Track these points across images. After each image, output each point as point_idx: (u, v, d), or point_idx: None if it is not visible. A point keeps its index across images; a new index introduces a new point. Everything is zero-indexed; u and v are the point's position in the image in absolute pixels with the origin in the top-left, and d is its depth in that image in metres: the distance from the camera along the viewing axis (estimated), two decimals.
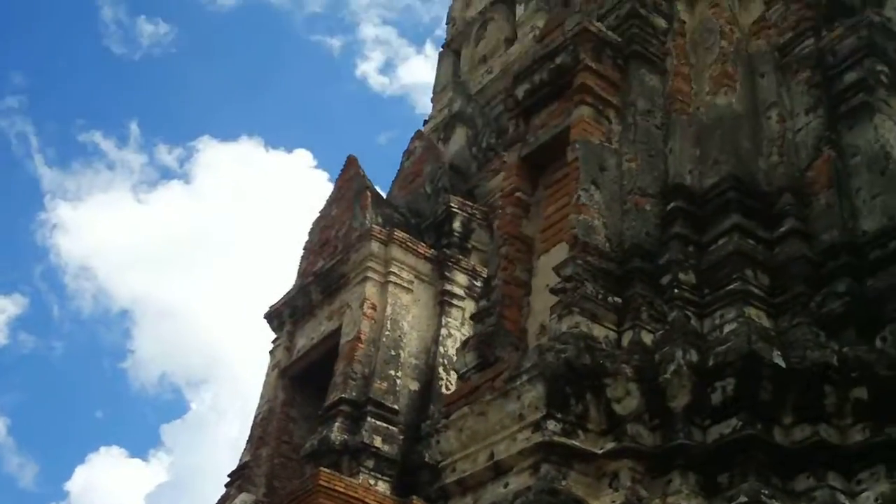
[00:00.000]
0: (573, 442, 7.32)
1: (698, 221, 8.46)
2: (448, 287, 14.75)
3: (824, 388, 7.26)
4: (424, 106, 48.07)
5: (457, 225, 15.35)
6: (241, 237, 47.64)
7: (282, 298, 15.36)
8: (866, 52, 8.71)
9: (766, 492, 6.96)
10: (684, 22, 9.61)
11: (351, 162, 16.47)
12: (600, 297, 7.92)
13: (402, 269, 14.73)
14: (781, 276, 8.05)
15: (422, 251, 15.00)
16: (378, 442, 13.16)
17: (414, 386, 14.06)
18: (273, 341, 15.25)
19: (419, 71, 51.58)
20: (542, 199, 9.14)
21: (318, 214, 16.20)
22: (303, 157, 51.48)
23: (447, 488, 7.84)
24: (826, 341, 7.49)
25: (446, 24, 18.90)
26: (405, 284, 14.63)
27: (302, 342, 14.95)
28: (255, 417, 14.72)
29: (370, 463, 13.02)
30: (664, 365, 7.43)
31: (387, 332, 14.08)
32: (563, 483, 7.18)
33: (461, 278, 14.88)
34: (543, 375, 7.35)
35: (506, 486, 7.45)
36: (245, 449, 14.51)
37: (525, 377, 7.45)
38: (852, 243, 8.07)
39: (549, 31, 9.66)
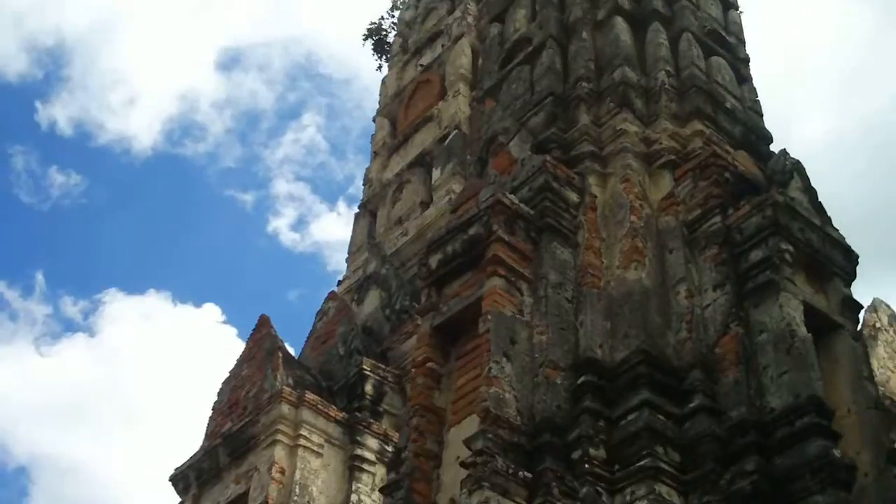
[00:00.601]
0: None
1: (609, 395, 8.48)
2: (359, 452, 14.61)
3: None
4: (336, 263, 47.93)
5: (369, 388, 15.26)
6: (146, 393, 46.76)
7: (188, 461, 15.01)
8: (771, 230, 8.91)
9: None
10: (596, 196, 9.79)
11: (263, 322, 16.36)
12: (511, 471, 7.84)
13: (313, 432, 14.56)
14: (691, 453, 8.07)
15: (333, 414, 14.85)
16: None
17: None
18: None
19: (331, 228, 51.71)
20: (454, 369, 9.11)
21: (228, 374, 15.99)
22: (211, 311, 51.08)
23: None
24: None
25: (363, 184, 19.01)
26: (316, 448, 14.46)
27: None
28: None
29: None
30: None
31: (295, 498, 13.85)
32: None
33: (372, 443, 14.74)
34: None
35: None
36: None
37: None
38: (761, 421, 8.13)
39: (463, 202, 9.77)
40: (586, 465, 7.98)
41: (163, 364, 45.41)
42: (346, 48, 49.49)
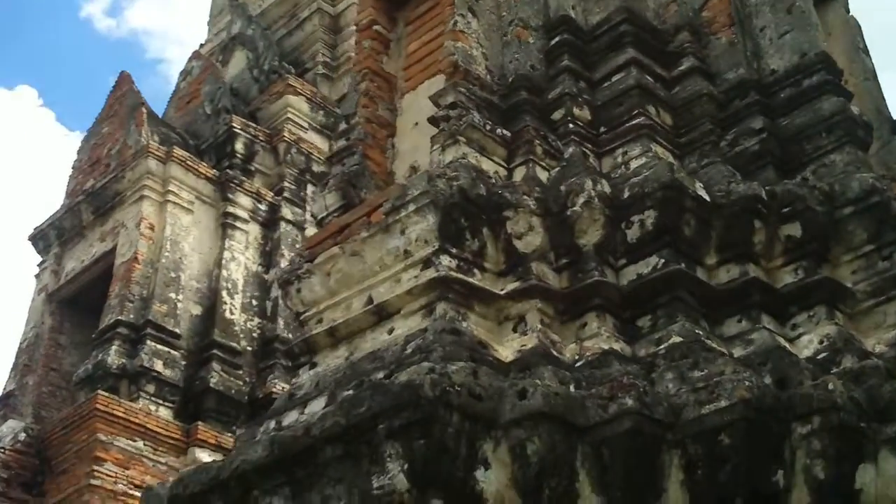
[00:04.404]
0: (472, 280, 6.19)
1: (588, 58, 7.50)
2: (231, 209, 13.68)
3: (754, 223, 6.39)
4: (155, 50, 46.00)
5: (239, 146, 14.26)
6: None
7: (48, 219, 13.89)
8: None
9: (701, 332, 6.04)
10: None
11: (124, 78, 15.07)
12: (488, 127, 6.82)
13: (182, 188, 13.53)
14: (684, 116, 7.19)
15: (203, 171, 13.83)
16: (159, 366, 12.00)
17: (196, 310, 12.94)
18: (39, 264, 13.78)
19: (148, 14, 49.26)
20: (402, 36, 7.95)
21: (87, 132, 14.73)
22: (27, 93, 48.58)
23: (313, 341, 6.53)
24: (743, 180, 6.64)
25: None
26: (185, 205, 13.46)
27: (71, 265, 13.53)
28: (21, 344, 13.22)
29: (151, 388, 11.87)
30: (572, 197, 6.38)
31: (166, 254, 12.84)
32: (465, 325, 6.03)
33: (245, 201, 13.83)
34: (435, 204, 6.15)
35: (391, 331, 6.19)
36: (9, 377, 12.94)
37: (412, 207, 6.24)
38: (760, 82, 7.29)
39: None
40: (570, 125, 7.00)
41: None
42: None
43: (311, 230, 13.24)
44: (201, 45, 16.60)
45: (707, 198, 6.40)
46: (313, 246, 6.69)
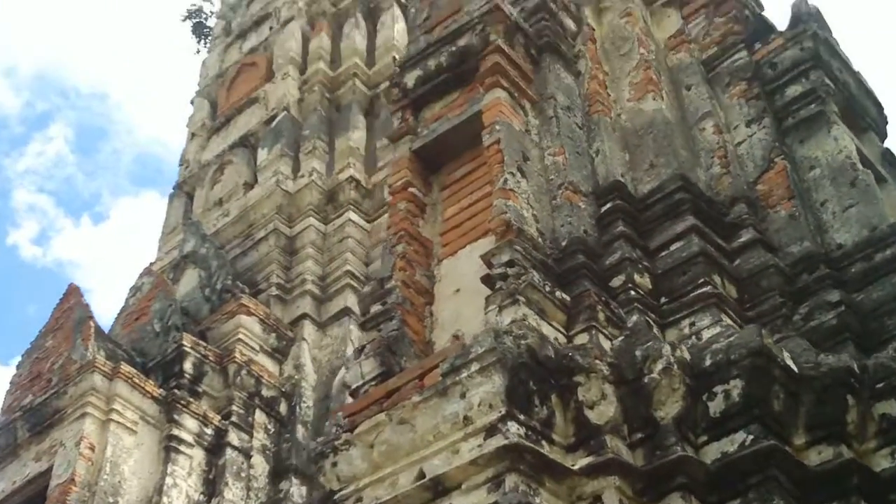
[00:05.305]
0: (544, 451, 5.38)
1: (640, 226, 6.94)
2: (176, 432, 12.66)
3: (847, 399, 5.71)
4: (80, 280, 45.09)
5: (188, 366, 13.34)
6: None
7: None
8: (812, 63, 7.66)
9: None
10: (593, 28, 8.28)
11: (72, 291, 14.20)
12: (548, 288, 6.14)
13: (127, 407, 12.50)
14: (750, 289, 6.65)
15: (150, 390, 12.83)
16: None
17: None
18: None
19: (76, 244, 48.50)
20: (438, 200, 7.35)
21: (30, 346, 13.72)
22: None
23: None
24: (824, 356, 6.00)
25: (179, 165, 17.27)
26: (129, 425, 12.41)
27: (1, 486, 12.26)
28: None
29: None
30: (650, 363, 5.69)
31: (105, 476, 11.74)
32: (537, 501, 5.20)
33: (191, 423, 12.83)
34: (503, 364, 5.42)
35: None
36: None
37: (475, 367, 5.48)
38: (828, 256, 6.76)
39: (441, 20, 8.01)
40: (632, 292, 6.37)
41: None
42: (97, 63, 46.80)
43: (257, 458, 12.55)
44: (151, 263, 15.90)
45: (795, 369, 5.73)
46: (353, 414, 5.85)
